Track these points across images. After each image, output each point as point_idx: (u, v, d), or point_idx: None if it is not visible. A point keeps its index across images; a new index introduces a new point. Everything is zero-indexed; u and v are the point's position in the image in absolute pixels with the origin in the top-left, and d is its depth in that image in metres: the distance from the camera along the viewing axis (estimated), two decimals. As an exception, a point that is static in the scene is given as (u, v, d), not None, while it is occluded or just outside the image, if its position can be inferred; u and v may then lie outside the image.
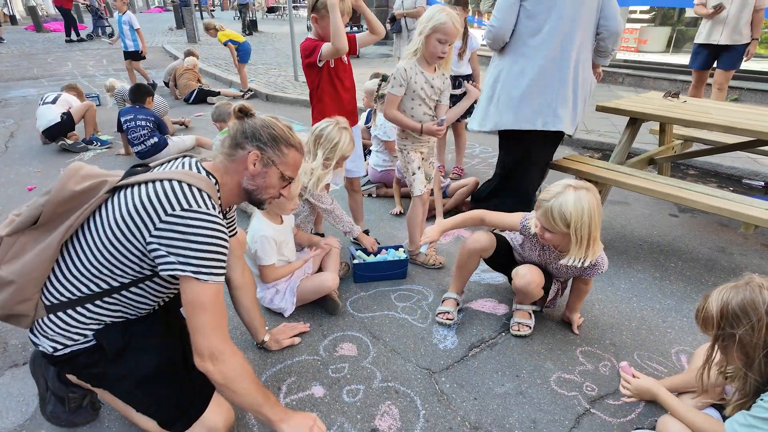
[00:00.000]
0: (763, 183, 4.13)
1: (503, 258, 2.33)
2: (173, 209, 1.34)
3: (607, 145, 4.97)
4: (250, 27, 16.36)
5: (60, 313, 1.44)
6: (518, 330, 2.26)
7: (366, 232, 3.12)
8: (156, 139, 4.42)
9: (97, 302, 1.45)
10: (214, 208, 1.41)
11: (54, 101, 4.88)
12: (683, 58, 7.38)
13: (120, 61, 7.45)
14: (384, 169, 3.80)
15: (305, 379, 1.99)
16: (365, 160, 4.20)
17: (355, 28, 12.63)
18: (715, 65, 5.07)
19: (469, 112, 4.06)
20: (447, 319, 2.28)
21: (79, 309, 1.44)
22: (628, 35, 7.90)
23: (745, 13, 4.70)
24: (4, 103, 6.98)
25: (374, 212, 3.62)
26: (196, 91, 7.08)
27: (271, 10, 25.28)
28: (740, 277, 1.35)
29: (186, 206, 1.35)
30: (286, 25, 14.21)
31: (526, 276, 2.13)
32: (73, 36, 14.84)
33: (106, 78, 8.77)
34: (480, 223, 2.31)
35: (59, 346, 1.46)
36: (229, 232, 1.78)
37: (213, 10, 20.41)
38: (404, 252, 2.80)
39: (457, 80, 3.76)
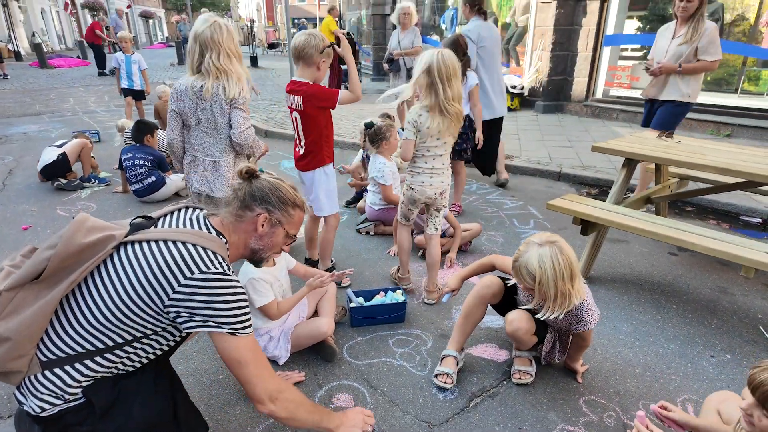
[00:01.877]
0: (760, 220, 4.13)
1: (507, 301, 2.30)
2: (192, 273, 1.38)
3: (604, 181, 5.00)
4: None
5: (56, 370, 1.38)
6: (519, 378, 2.20)
7: (332, 267, 3.11)
8: (154, 178, 4.43)
9: (97, 358, 1.40)
10: (229, 268, 1.47)
11: (60, 146, 4.95)
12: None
13: (121, 97, 7.49)
14: (381, 208, 3.79)
15: (300, 433, 1.92)
16: (362, 197, 4.22)
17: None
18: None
19: (469, 153, 4.15)
20: (445, 382, 2.18)
21: (77, 365, 1.39)
22: (620, 72, 8.05)
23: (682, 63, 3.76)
24: (5, 140, 7.01)
25: (372, 251, 3.58)
26: None
27: (271, 46, 25.96)
28: None
29: (204, 269, 1.39)
30: (286, 61, 14.51)
31: (514, 322, 2.11)
32: (106, 70, 14.86)
33: (107, 114, 8.94)
34: (492, 268, 2.39)
35: (47, 406, 1.39)
36: None
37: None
38: (402, 294, 2.76)
39: None
